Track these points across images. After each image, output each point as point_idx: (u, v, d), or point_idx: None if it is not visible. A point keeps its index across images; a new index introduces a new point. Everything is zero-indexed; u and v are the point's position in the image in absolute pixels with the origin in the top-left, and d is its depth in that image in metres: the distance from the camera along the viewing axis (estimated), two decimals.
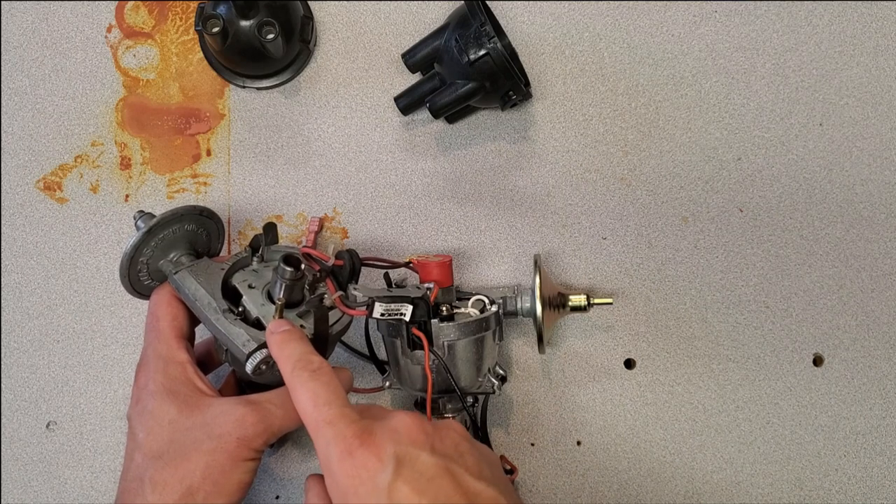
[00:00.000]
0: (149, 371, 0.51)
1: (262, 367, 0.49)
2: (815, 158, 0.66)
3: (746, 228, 0.66)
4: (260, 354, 0.49)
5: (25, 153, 0.67)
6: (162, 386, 0.50)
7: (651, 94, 0.66)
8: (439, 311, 0.55)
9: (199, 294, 0.52)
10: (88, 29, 0.67)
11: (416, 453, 0.42)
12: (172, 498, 0.47)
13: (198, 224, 0.57)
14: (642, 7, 0.67)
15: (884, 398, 0.65)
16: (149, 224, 0.53)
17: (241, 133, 0.67)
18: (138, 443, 0.49)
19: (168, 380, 0.50)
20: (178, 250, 0.56)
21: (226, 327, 0.51)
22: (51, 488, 0.65)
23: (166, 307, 0.54)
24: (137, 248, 0.53)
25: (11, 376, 0.66)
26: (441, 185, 0.66)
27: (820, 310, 0.66)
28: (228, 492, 0.48)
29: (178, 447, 0.48)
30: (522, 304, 0.60)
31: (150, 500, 0.47)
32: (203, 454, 0.47)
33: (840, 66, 0.67)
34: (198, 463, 0.47)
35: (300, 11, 0.63)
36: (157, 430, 0.49)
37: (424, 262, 0.58)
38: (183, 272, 0.54)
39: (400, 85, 0.63)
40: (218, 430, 0.48)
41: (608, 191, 0.66)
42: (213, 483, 0.47)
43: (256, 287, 0.54)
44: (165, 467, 0.48)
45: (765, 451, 0.65)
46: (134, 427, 0.50)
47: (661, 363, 0.65)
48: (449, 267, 0.58)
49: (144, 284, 0.56)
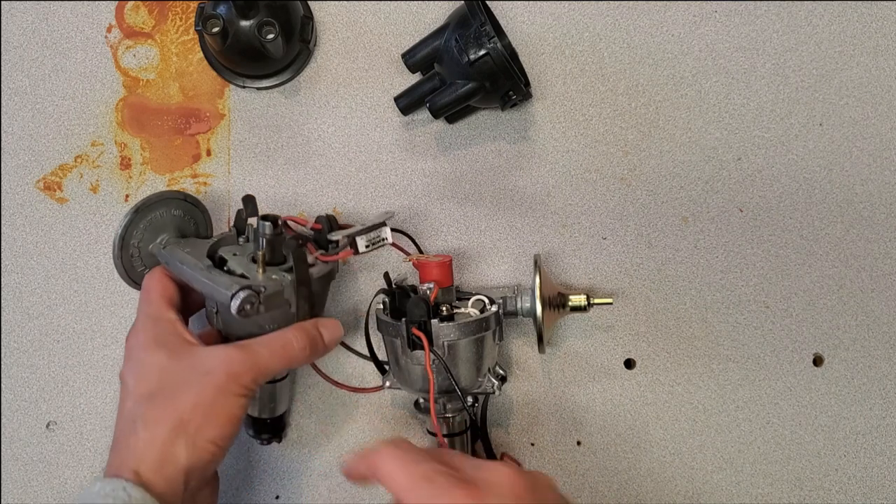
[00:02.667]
0: (137, 329, 0.54)
1: (246, 307, 0.51)
2: (815, 158, 0.66)
3: (746, 228, 0.66)
4: (243, 293, 0.51)
5: (25, 153, 0.67)
6: (152, 339, 0.52)
7: (651, 94, 0.66)
8: (439, 311, 0.55)
9: (186, 259, 0.55)
10: (88, 29, 0.67)
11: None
12: (164, 431, 0.48)
13: (184, 210, 0.60)
14: (642, 7, 0.67)
15: (884, 398, 0.65)
16: (136, 204, 0.57)
17: (241, 133, 0.67)
18: (129, 391, 0.51)
19: (158, 332, 0.52)
20: (167, 234, 0.59)
21: (211, 277, 0.53)
22: (51, 488, 0.65)
23: (157, 282, 0.56)
24: (127, 228, 0.56)
25: (11, 376, 0.66)
26: (441, 185, 0.66)
27: (820, 310, 0.66)
28: (219, 423, 0.49)
29: (168, 387, 0.50)
30: (522, 303, 0.60)
31: (143, 436, 0.48)
32: (193, 389, 0.49)
33: (840, 66, 0.67)
34: (188, 397, 0.49)
35: (300, 11, 0.63)
36: (147, 376, 0.50)
37: (424, 262, 0.58)
38: (171, 246, 0.58)
39: (400, 85, 0.63)
40: (206, 366, 0.50)
41: (608, 191, 0.66)
42: (203, 414, 0.49)
43: (240, 255, 0.57)
44: (156, 405, 0.49)
45: (765, 451, 0.65)
46: (125, 379, 0.52)
47: (661, 363, 0.65)
48: (449, 267, 0.58)
49: (139, 272, 0.59)
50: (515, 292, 0.61)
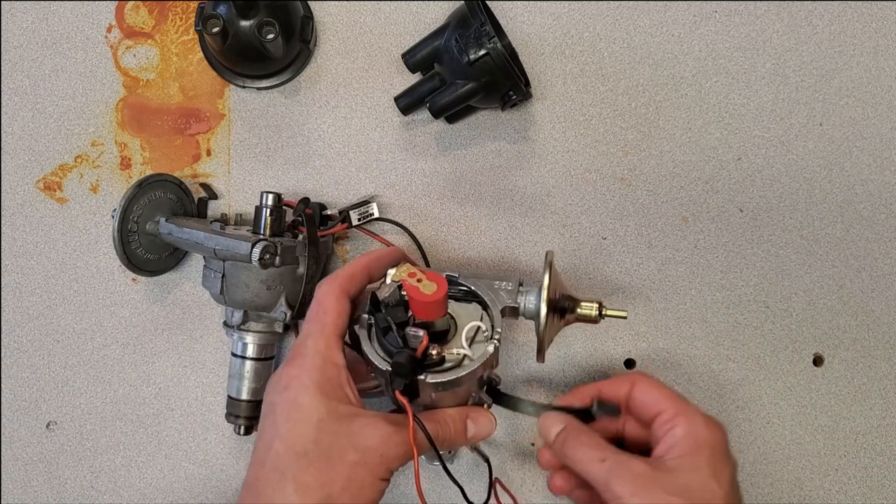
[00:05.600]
0: (305, 363, 0.49)
1: (266, 257, 0.55)
2: (815, 158, 0.66)
3: (746, 228, 0.66)
4: (262, 243, 0.55)
5: (25, 153, 0.67)
6: (316, 383, 0.49)
7: (651, 94, 0.66)
8: (428, 355, 0.49)
9: (195, 225, 0.59)
10: (88, 29, 0.67)
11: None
12: (312, 501, 0.46)
13: (177, 197, 0.63)
14: (642, 7, 0.67)
15: (884, 398, 0.65)
16: (139, 179, 0.60)
17: (241, 133, 0.67)
18: (280, 431, 0.48)
19: (324, 379, 0.49)
20: (163, 215, 0.62)
21: (227, 235, 0.57)
22: (51, 488, 0.65)
23: (335, 301, 0.51)
24: (130, 200, 0.59)
25: (11, 376, 0.66)
26: (441, 185, 0.66)
27: (820, 310, 0.66)
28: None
29: (323, 450, 0.47)
30: (527, 303, 0.53)
31: (293, 500, 0.46)
32: (347, 465, 0.47)
33: (840, 66, 0.67)
34: (341, 472, 0.46)
35: (300, 11, 0.63)
36: (303, 426, 0.47)
37: (414, 294, 0.48)
38: (174, 218, 0.61)
39: (400, 85, 0.63)
40: (364, 442, 0.47)
41: (608, 191, 0.66)
42: (351, 496, 0.47)
43: (239, 230, 0.60)
44: (309, 468, 0.46)
45: (765, 451, 0.65)
46: (277, 413, 0.49)
47: (661, 363, 0.65)
48: (443, 301, 0.49)
49: (137, 254, 0.61)
50: (521, 287, 0.54)
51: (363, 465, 0.47)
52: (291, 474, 0.46)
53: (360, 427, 0.48)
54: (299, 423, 0.47)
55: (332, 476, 0.46)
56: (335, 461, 0.47)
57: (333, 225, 0.63)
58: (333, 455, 0.47)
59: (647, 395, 0.52)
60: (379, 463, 0.47)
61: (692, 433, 0.49)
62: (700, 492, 0.46)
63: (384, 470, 0.47)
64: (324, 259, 0.64)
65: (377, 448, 0.47)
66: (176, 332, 0.66)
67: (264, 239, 0.56)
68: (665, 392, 0.52)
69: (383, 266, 0.54)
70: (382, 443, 0.47)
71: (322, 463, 0.46)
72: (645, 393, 0.52)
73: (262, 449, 0.48)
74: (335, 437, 0.47)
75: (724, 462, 0.48)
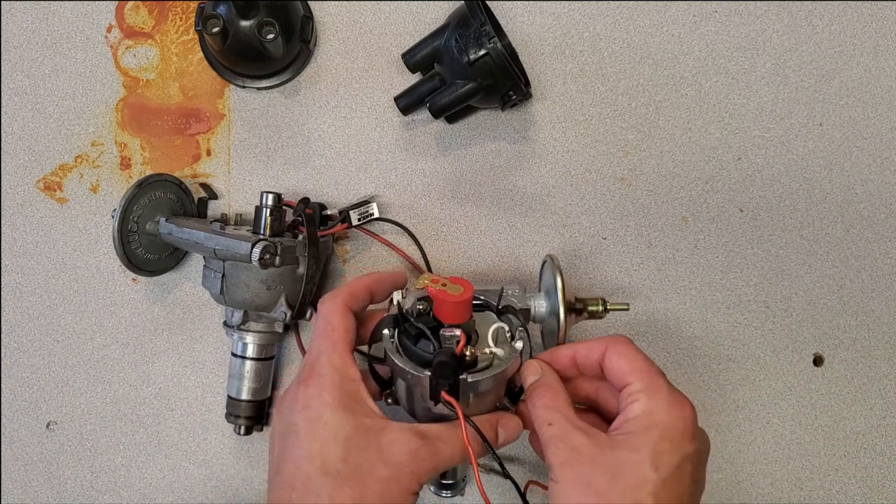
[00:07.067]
0: (323, 381, 0.49)
1: (266, 257, 0.55)
2: (815, 158, 0.66)
3: (746, 228, 0.66)
4: (262, 243, 0.55)
5: (25, 153, 0.67)
6: (338, 401, 0.48)
7: (651, 94, 0.66)
8: (464, 358, 0.48)
9: (195, 225, 0.59)
10: (88, 29, 0.67)
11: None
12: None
13: (177, 197, 0.63)
14: (642, 7, 0.67)
15: (884, 398, 0.65)
16: (139, 179, 0.60)
17: (241, 133, 0.67)
18: (307, 451, 0.47)
19: (344, 396, 0.48)
20: (163, 214, 0.62)
21: (227, 237, 0.56)
22: (51, 488, 0.65)
23: (341, 318, 0.51)
24: (130, 200, 0.59)
25: (11, 376, 0.66)
26: (441, 185, 0.66)
27: (820, 310, 0.66)
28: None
29: (354, 468, 0.46)
30: (538, 307, 0.55)
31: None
32: (378, 481, 0.46)
33: (840, 66, 0.67)
34: (374, 489, 0.46)
35: (300, 11, 0.63)
36: (332, 445, 0.47)
37: (442, 297, 0.48)
38: (174, 218, 0.61)
39: (400, 85, 0.63)
40: (393, 458, 0.47)
41: (608, 191, 0.66)
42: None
43: (238, 230, 0.60)
44: (342, 487, 0.46)
45: (765, 451, 0.65)
46: (300, 433, 0.48)
47: (662, 363, 0.65)
48: (470, 302, 0.49)
49: (137, 254, 0.61)
50: (525, 294, 0.55)
51: (395, 480, 0.46)
52: (327, 495, 0.46)
53: (389, 443, 0.47)
54: (327, 441, 0.47)
55: (365, 493, 0.46)
56: (367, 478, 0.46)
57: (333, 225, 0.63)
58: (364, 472, 0.46)
59: (618, 364, 0.49)
60: (410, 479, 0.47)
61: (648, 412, 0.47)
62: (630, 474, 0.44)
63: (416, 484, 0.47)
64: (324, 259, 0.64)
65: (407, 464, 0.47)
66: (176, 332, 0.66)
67: (264, 239, 0.56)
68: (636, 363, 0.49)
69: (385, 287, 0.54)
70: (411, 458, 0.47)
71: (354, 482, 0.46)
72: (616, 361, 0.50)
73: (288, 471, 0.47)
74: (364, 453, 0.47)
75: (674, 448, 0.45)
